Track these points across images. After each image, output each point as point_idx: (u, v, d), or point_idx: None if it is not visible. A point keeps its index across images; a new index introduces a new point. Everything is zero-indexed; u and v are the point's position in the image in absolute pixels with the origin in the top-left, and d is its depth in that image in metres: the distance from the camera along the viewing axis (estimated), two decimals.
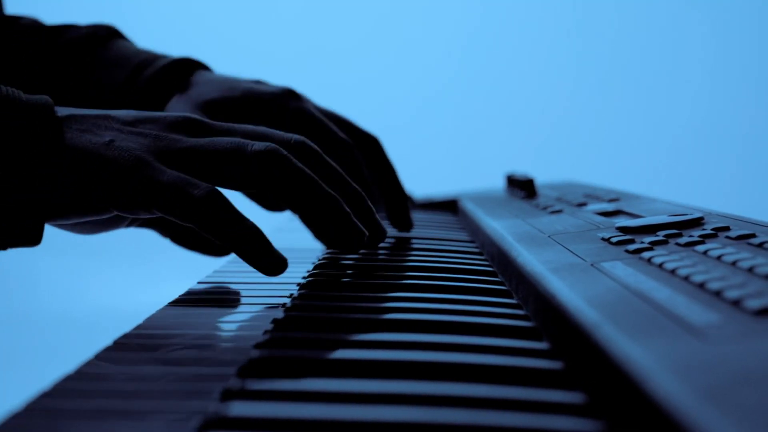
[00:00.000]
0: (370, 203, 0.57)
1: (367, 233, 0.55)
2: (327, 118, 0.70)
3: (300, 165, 0.51)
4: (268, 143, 0.51)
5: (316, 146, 0.56)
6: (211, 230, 0.48)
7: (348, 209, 0.53)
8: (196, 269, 0.66)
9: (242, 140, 0.51)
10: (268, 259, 0.50)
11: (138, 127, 0.50)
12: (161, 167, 0.48)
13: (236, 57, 2.39)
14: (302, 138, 0.55)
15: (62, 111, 0.49)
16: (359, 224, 0.54)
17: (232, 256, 0.68)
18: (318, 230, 0.55)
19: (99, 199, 0.48)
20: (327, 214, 0.52)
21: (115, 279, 2.03)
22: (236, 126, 0.54)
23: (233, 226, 0.48)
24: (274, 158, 0.50)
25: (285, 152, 0.51)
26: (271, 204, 0.71)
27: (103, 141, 0.48)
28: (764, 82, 2.35)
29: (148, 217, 0.52)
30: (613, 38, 2.40)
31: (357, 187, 0.56)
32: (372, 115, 2.46)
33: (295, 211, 0.53)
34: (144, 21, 2.41)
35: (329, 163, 0.55)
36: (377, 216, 0.58)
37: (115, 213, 0.49)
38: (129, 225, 0.62)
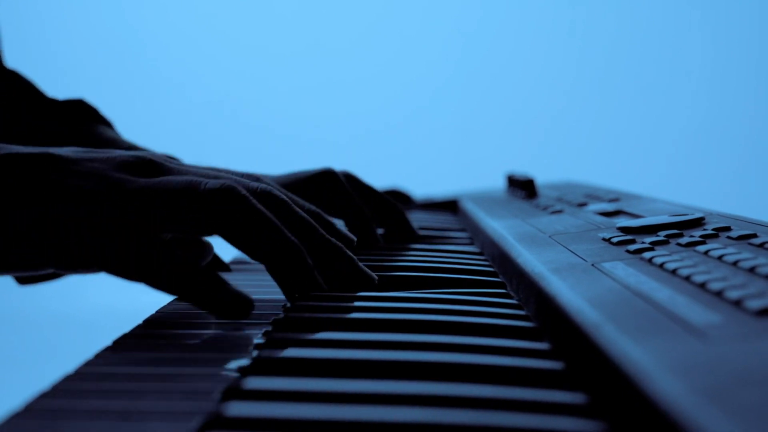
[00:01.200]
0: (348, 252, 0.51)
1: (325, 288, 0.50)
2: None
3: (259, 206, 0.46)
4: (223, 181, 0.46)
5: (284, 196, 0.51)
6: (164, 289, 0.45)
7: (310, 261, 0.48)
8: None
9: (196, 178, 0.46)
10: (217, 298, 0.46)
11: (83, 166, 0.45)
12: (101, 216, 0.44)
13: (237, 55, 2.39)
14: (269, 186, 0.50)
15: (1, 149, 0.45)
16: (319, 279, 0.49)
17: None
18: (277, 280, 0.49)
19: (32, 255, 0.44)
20: (286, 265, 0.47)
21: (115, 279, 2.03)
22: (194, 167, 0.50)
23: (180, 277, 0.45)
24: (230, 197, 0.46)
25: (243, 191, 0.46)
26: None
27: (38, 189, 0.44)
28: (764, 82, 2.35)
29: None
30: (613, 38, 2.40)
31: (330, 238, 0.51)
32: (372, 115, 2.47)
33: (253, 257, 0.48)
34: (143, 19, 2.41)
35: (296, 213, 0.50)
36: (359, 264, 0.52)
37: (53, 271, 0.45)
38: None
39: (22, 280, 0.68)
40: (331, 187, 0.67)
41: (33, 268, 0.45)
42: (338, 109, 2.34)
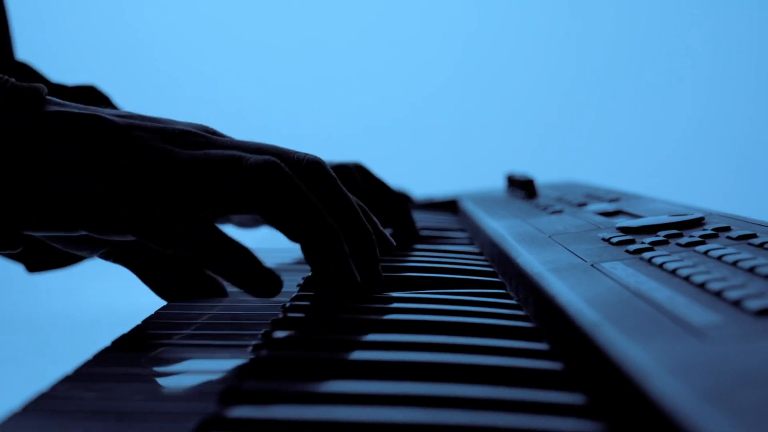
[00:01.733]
0: (377, 252, 0.50)
1: (359, 280, 0.48)
2: None
3: (301, 187, 0.45)
4: (267, 157, 0.45)
5: (332, 172, 0.49)
6: (194, 259, 0.45)
7: (347, 249, 0.46)
8: None
9: (239, 153, 0.45)
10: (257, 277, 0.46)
11: (130, 134, 0.45)
12: (142, 185, 0.44)
13: (236, 53, 2.39)
14: (316, 158, 0.48)
15: (51, 106, 0.45)
16: (354, 270, 0.47)
17: None
18: (311, 263, 0.46)
19: (70, 215, 0.44)
20: (321, 250, 0.45)
21: (114, 279, 2.02)
22: (241, 141, 0.49)
23: (220, 253, 0.45)
24: (272, 174, 0.45)
25: (286, 169, 0.45)
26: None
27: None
28: (764, 82, 2.35)
29: (120, 240, 0.49)
30: (613, 38, 2.40)
31: (370, 228, 0.49)
32: (372, 115, 2.47)
33: (290, 238, 0.46)
34: (142, 16, 2.41)
35: (342, 194, 0.49)
36: (379, 267, 0.51)
37: (84, 233, 0.45)
38: (104, 256, 0.54)
39: (32, 267, 0.68)
40: (366, 179, 0.68)
41: (66, 228, 0.45)
42: (338, 109, 2.34)
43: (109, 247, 0.53)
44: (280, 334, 0.40)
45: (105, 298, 2.04)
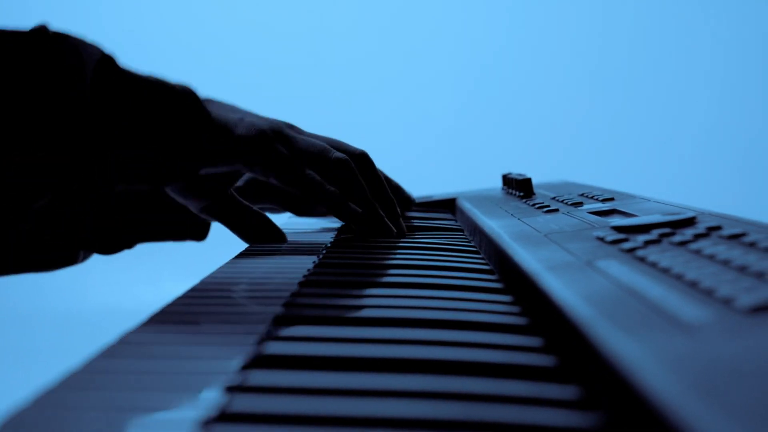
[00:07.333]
0: (398, 208, 0.76)
1: (395, 230, 0.73)
2: (324, 143, 0.75)
3: (360, 179, 0.71)
4: (343, 155, 0.71)
5: (371, 160, 0.76)
6: (310, 194, 0.68)
7: (382, 213, 0.72)
8: (197, 267, 0.67)
9: (328, 147, 0.71)
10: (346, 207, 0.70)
11: (258, 115, 0.71)
12: (277, 144, 0.67)
13: (236, 60, 2.39)
14: (363, 151, 0.76)
15: (200, 96, 0.65)
16: (389, 223, 0.73)
17: (236, 254, 0.69)
18: (356, 226, 0.72)
19: (230, 154, 0.65)
20: (367, 216, 0.71)
21: (117, 278, 2.03)
22: (321, 136, 0.74)
23: (325, 193, 0.68)
24: (347, 167, 0.71)
25: (353, 165, 0.71)
26: (303, 210, 0.87)
27: (237, 117, 0.67)
28: (764, 82, 2.36)
29: (262, 179, 0.70)
30: (612, 39, 2.41)
31: (392, 196, 0.76)
32: (373, 116, 2.47)
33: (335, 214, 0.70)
34: (140, 21, 2.41)
35: (377, 176, 0.76)
36: (401, 218, 0.76)
37: (239, 167, 0.66)
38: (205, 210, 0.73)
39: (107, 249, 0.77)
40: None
41: (227, 163, 0.66)
42: (335, 108, 2.35)
43: (210, 201, 0.72)
44: (282, 329, 0.41)
45: (106, 297, 2.04)
